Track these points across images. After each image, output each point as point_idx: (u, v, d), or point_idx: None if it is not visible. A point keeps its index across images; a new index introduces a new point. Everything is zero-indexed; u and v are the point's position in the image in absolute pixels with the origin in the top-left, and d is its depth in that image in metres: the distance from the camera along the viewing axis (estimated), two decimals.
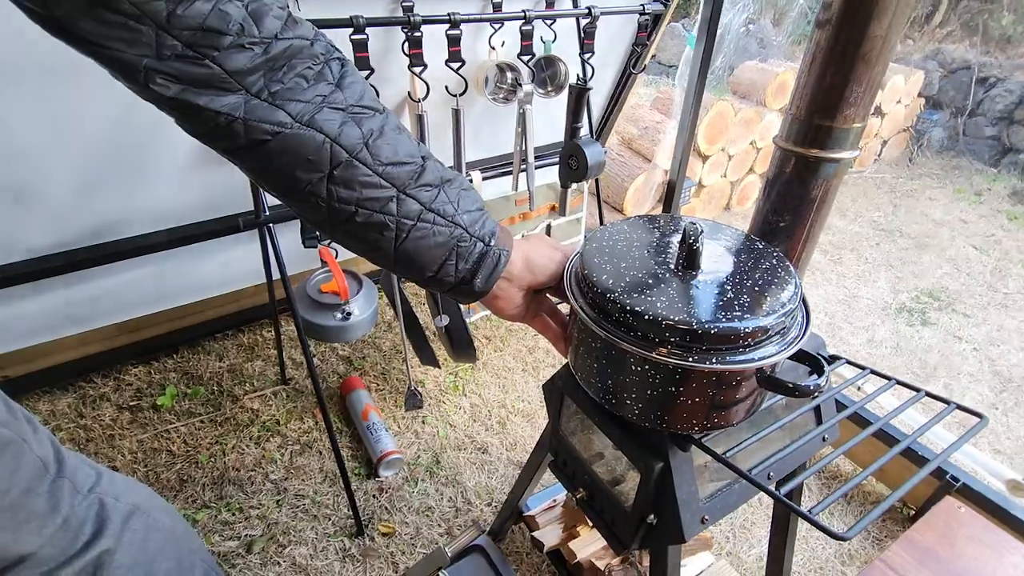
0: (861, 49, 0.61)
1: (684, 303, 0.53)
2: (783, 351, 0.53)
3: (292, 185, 0.49)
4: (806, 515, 0.54)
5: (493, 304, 0.63)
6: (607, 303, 0.56)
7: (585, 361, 0.63)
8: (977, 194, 3.67)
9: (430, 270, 0.56)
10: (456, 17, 1.12)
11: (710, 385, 0.55)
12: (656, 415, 0.60)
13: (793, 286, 0.57)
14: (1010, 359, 2.16)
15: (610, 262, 0.60)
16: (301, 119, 0.46)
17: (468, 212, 0.56)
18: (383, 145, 0.50)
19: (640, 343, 0.54)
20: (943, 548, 0.81)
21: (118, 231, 1.40)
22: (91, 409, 1.62)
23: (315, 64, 0.47)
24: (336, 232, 0.54)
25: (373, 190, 0.50)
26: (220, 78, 0.43)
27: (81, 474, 0.67)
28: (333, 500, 1.44)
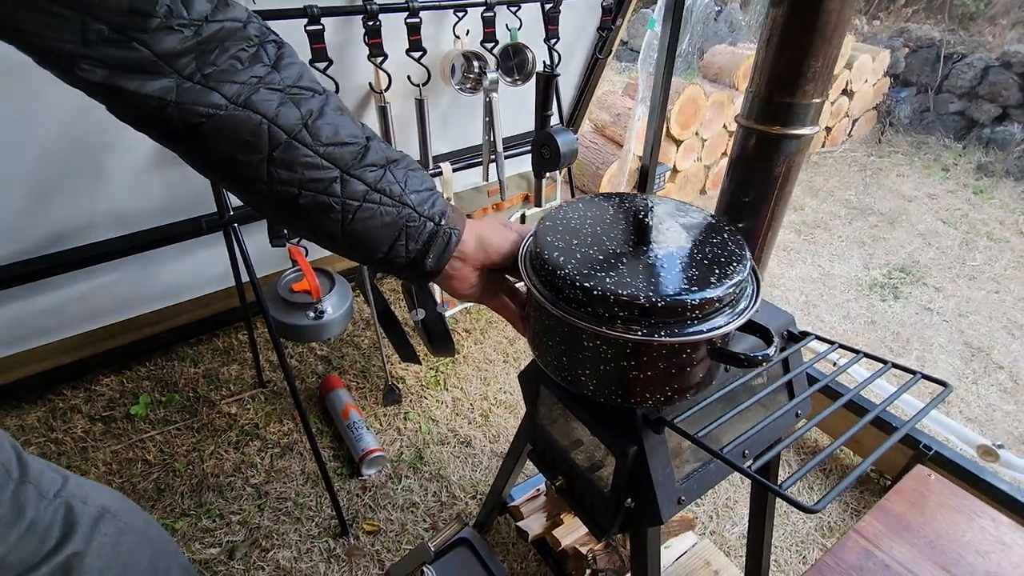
0: (817, 24, 0.61)
1: (633, 278, 0.54)
2: (731, 323, 0.54)
3: (232, 169, 0.48)
4: (775, 489, 0.54)
5: (447, 284, 0.62)
6: (558, 280, 0.56)
7: (542, 340, 0.63)
8: (944, 169, 3.75)
9: (380, 251, 0.55)
10: (415, 5, 1.10)
11: (661, 358, 0.55)
12: (611, 390, 0.60)
13: (742, 259, 0.58)
14: (979, 329, 2.22)
15: (563, 240, 0.60)
16: (236, 100, 0.45)
17: (416, 192, 0.55)
18: (323, 125, 0.50)
19: (591, 319, 0.54)
20: (914, 515, 0.82)
21: (79, 237, 1.36)
22: (61, 422, 1.58)
23: (249, 46, 0.46)
24: (282, 217, 0.53)
25: (315, 171, 0.50)
26: (150, 61, 0.42)
27: (46, 479, 0.66)
28: (316, 501, 1.42)
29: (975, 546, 0.78)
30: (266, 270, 1.72)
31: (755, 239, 0.76)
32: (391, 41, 1.17)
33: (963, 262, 2.71)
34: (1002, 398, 1.87)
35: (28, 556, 0.60)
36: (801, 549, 1.37)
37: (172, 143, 0.47)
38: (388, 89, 1.20)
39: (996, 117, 4.05)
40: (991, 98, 4.05)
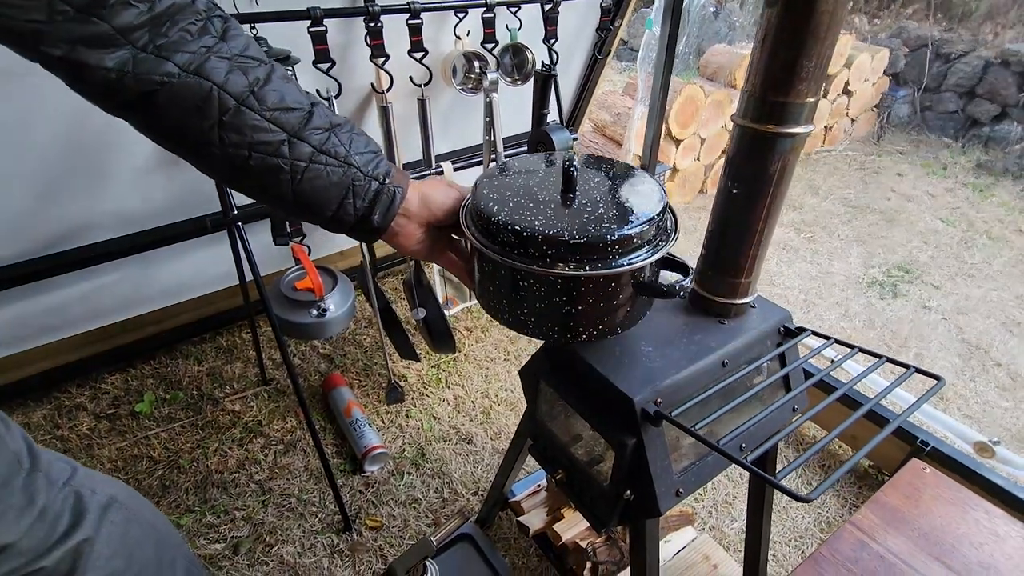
0: (810, 24, 0.62)
1: (560, 220, 0.59)
2: (649, 257, 0.60)
3: (185, 135, 0.51)
4: (770, 479, 0.56)
5: (395, 241, 0.65)
6: (493, 227, 0.60)
7: (486, 287, 0.67)
8: (943, 168, 3.76)
9: (329, 209, 0.59)
10: (416, 6, 1.11)
11: (590, 292, 0.60)
12: (548, 327, 0.64)
13: (658, 202, 0.63)
14: (976, 327, 2.23)
15: (498, 192, 0.65)
16: (188, 68, 0.48)
17: (360, 154, 0.59)
18: (269, 92, 0.53)
19: (524, 259, 0.59)
20: (909, 508, 0.83)
21: (83, 237, 1.38)
22: (67, 420, 1.60)
23: (198, 20, 0.49)
24: (236, 179, 0.56)
25: (263, 134, 0.53)
26: (108, 35, 0.44)
27: (56, 468, 0.68)
28: (319, 497, 1.43)
29: (969, 538, 0.79)
30: (268, 269, 1.73)
31: (751, 237, 0.77)
32: (393, 42, 1.18)
33: (962, 260, 2.72)
34: (1000, 395, 1.88)
35: (39, 543, 0.61)
36: (799, 544, 1.38)
37: (129, 112, 0.50)
38: (390, 89, 1.21)
39: (995, 116, 4.06)
40: (990, 97, 4.06)
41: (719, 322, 0.83)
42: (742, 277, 0.80)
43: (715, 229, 0.80)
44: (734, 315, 0.84)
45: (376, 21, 1.09)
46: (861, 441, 1.51)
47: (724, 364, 0.79)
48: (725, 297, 0.82)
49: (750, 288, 0.82)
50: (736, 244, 0.78)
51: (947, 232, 2.97)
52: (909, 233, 2.94)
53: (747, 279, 0.81)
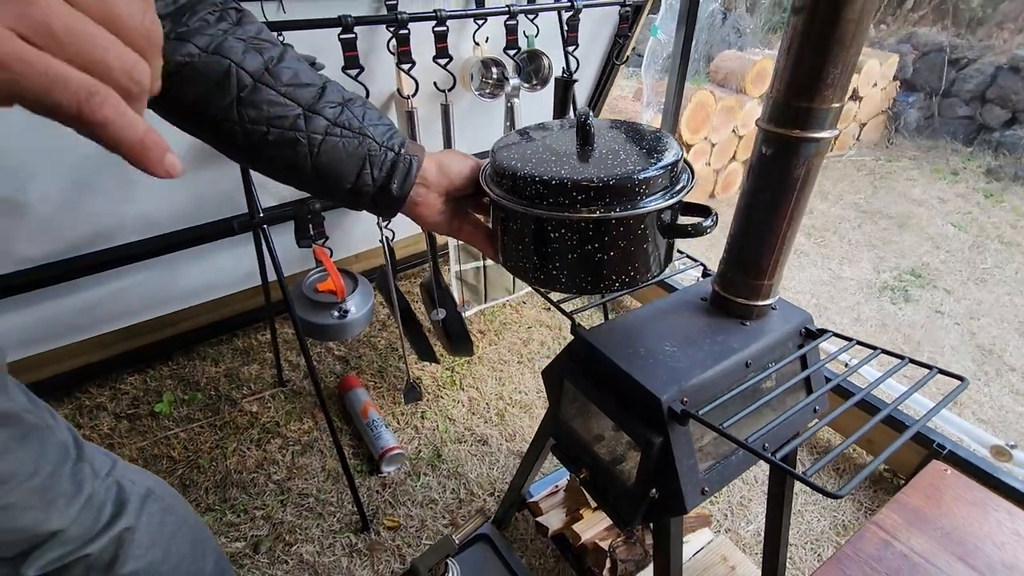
0: (836, 32, 0.64)
1: (584, 167, 0.60)
2: (675, 197, 0.62)
3: (205, 112, 0.54)
4: (800, 476, 0.57)
5: (415, 211, 0.66)
6: (519, 181, 0.61)
7: (513, 247, 0.67)
8: (954, 173, 3.76)
9: (348, 181, 0.60)
10: (443, 13, 1.13)
11: (620, 236, 0.61)
12: (581, 278, 0.64)
13: (675, 149, 0.64)
14: (990, 331, 2.23)
15: (518, 152, 0.66)
16: (207, 49, 0.51)
17: (374, 125, 0.60)
18: (284, 69, 0.55)
19: (554, 207, 0.59)
20: (931, 508, 0.84)
21: (110, 239, 1.40)
22: (88, 419, 1.62)
23: (215, 10, 0.53)
24: (255, 156, 0.58)
25: (280, 108, 0.55)
26: None
27: (99, 460, 0.70)
28: (337, 497, 1.45)
29: (991, 538, 0.80)
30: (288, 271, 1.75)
31: (774, 239, 0.78)
32: (415, 48, 1.20)
33: (974, 265, 2.71)
34: (1015, 399, 1.88)
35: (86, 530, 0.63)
36: (815, 547, 1.38)
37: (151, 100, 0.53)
38: (415, 94, 1.24)
39: (1006, 121, 4.05)
40: (1000, 103, 4.06)
41: (741, 323, 0.84)
42: (764, 279, 0.82)
43: (738, 231, 0.81)
44: (756, 316, 0.85)
45: (404, 28, 1.12)
46: (876, 444, 1.52)
47: (747, 365, 0.80)
48: (747, 299, 0.83)
49: (772, 290, 0.83)
50: (759, 246, 0.79)
51: (958, 237, 2.97)
52: (920, 238, 2.94)
53: (769, 281, 0.82)
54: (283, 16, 1.14)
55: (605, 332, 0.85)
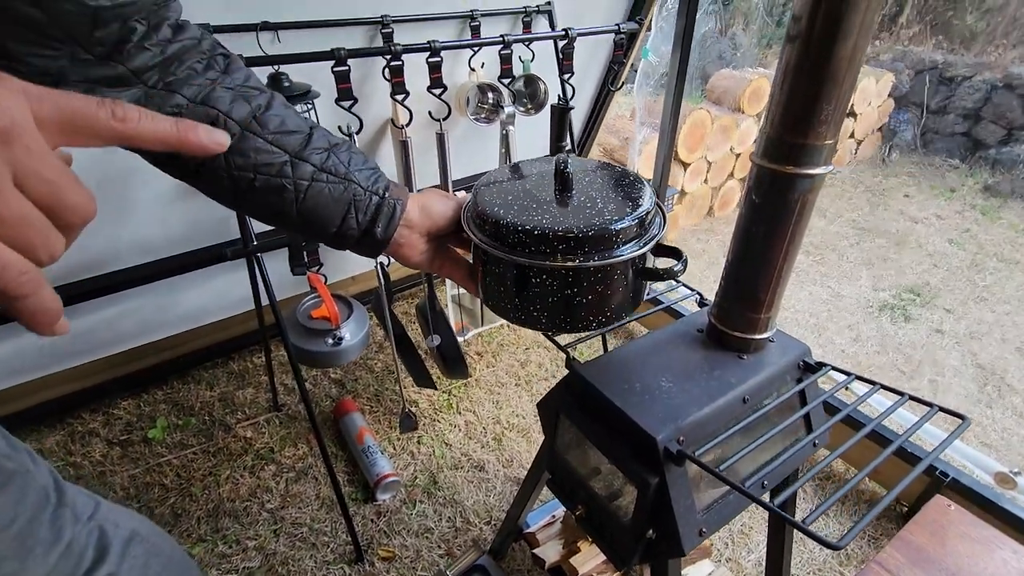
0: (829, 68, 0.64)
1: (564, 217, 0.63)
2: (648, 244, 0.65)
3: (192, 159, 0.54)
4: (800, 526, 0.55)
5: (399, 252, 0.68)
6: (502, 229, 0.63)
7: (494, 288, 0.69)
8: (951, 190, 3.77)
9: (333, 225, 0.61)
10: (436, 45, 1.14)
11: (597, 282, 0.64)
12: (560, 319, 0.67)
13: (649, 195, 0.68)
14: (991, 352, 2.21)
15: (500, 197, 0.68)
16: (196, 99, 0.52)
17: (360, 170, 0.61)
18: (271, 117, 0.56)
19: (536, 256, 0.62)
20: (935, 547, 0.82)
21: (104, 265, 1.39)
22: (80, 445, 1.60)
23: (203, 58, 0.54)
24: (242, 201, 0.59)
25: (267, 156, 0.56)
26: (124, 75, 0.49)
27: (80, 502, 0.68)
28: (331, 527, 1.42)
29: None
30: (283, 294, 1.74)
31: (771, 273, 0.77)
32: (410, 75, 1.21)
33: (973, 283, 2.71)
34: (1018, 422, 1.86)
35: None
36: None
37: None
38: (410, 124, 1.24)
39: (1001, 138, 4.08)
40: (995, 119, 4.08)
41: (738, 357, 0.83)
42: (762, 312, 0.81)
43: (734, 264, 0.80)
44: (753, 350, 0.84)
45: (397, 59, 1.12)
46: (880, 473, 1.49)
47: (745, 400, 0.79)
48: (744, 332, 0.82)
49: (770, 323, 0.82)
50: (755, 280, 0.78)
51: (957, 255, 2.97)
52: (918, 256, 2.94)
53: (767, 314, 0.81)
54: (278, 46, 1.15)
55: (601, 366, 0.84)
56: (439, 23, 1.37)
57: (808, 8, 0.62)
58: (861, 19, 0.61)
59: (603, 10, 1.72)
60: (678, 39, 1.69)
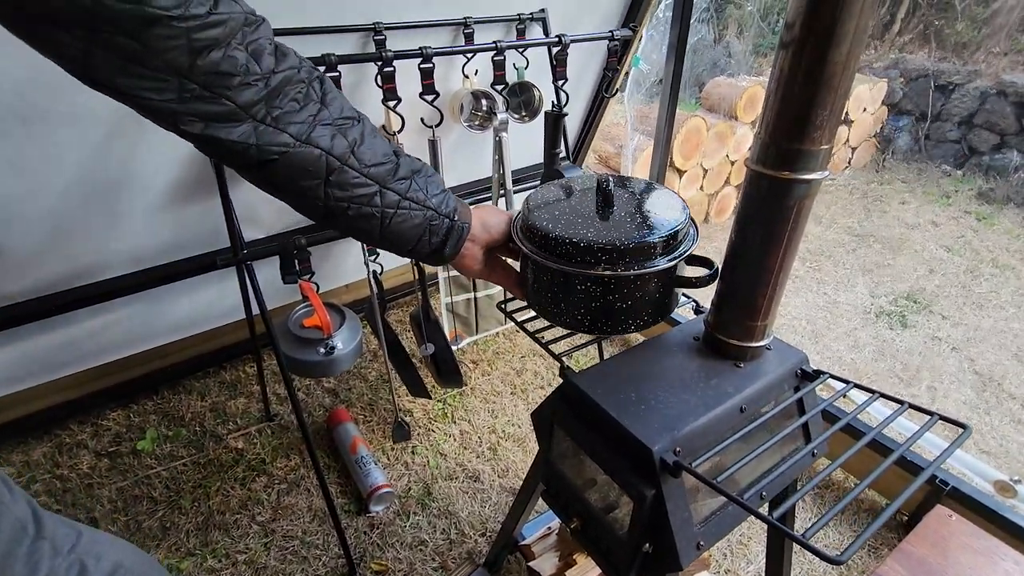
0: (824, 74, 0.63)
1: (607, 231, 0.71)
2: (682, 255, 0.73)
3: (296, 190, 0.60)
4: (801, 540, 0.54)
5: (461, 263, 0.77)
6: (551, 242, 0.71)
7: (542, 294, 0.77)
8: (946, 196, 3.78)
9: (410, 244, 0.69)
10: (428, 51, 1.13)
11: (637, 288, 0.72)
12: (603, 322, 0.74)
13: (682, 211, 0.76)
14: (988, 358, 2.21)
15: (548, 212, 0.76)
16: (300, 138, 0.57)
17: (435, 196, 0.69)
18: (366, 151, 0.62)
19: (582, 265, 0.70)
20: (936, 558, 0.81)
21: (94, 274, 1.37)
22: (68, 457, 1.57)
23: (302, 87, 0.57)
24: (331, 223, 0.65)
25: (361, 188, 0.62)
26: (234, 112, 0.52)
27: (60, 534, 0.65)
28: (323, 539, 1.40)
29: None
30: (276, 302, 1.73)
31: (767, 280, 0.76)
32: (403, 82, 1.20)
33: (969, 290, 2.70)
34: (1016, 429, 1.85)
35: None
36: None
37: (247, 172, 0.59)
38: (402, 131, 1.23)
39: (995, 145, 4.10)
40: (989, 126, 4.11)
41: (735, 365, 0.82)
42: (758, 320, 0.79)
43: (730, 272, 0.79)
44: (750, 358, 0.82)
45: (389, 66, 1.11)
46: (879, 484, 1.48)
47: (742, 410, 0.77)
48: (741, 340, 0.81)
49: (767, 331, 0.81)
50: (752, 287, 0.77)
51: (953, 261, 2.97)
52: (915, 262, 2.94)
53: (763, 322, 0.80)
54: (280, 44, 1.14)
55: (595, 375, 0.82)
56: (432, 30, 1.37)
57: (802, 14, 0.61)
58: (855, 24, 0.60)
59: (597, 17, 1.72)
60: (672, 47, 1.69)
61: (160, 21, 0.45)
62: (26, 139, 1.05)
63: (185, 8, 0.46)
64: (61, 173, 1.14)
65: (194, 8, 0.47)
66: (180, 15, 0.46)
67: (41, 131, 1.05)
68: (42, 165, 1.11)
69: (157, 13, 0.44)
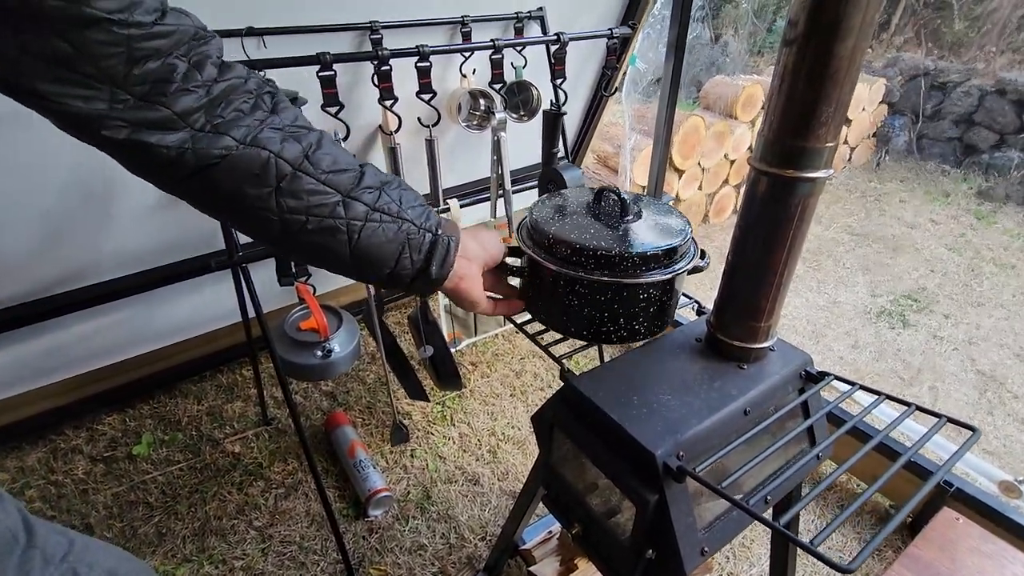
0: (828, 69, 0.61)
1: (618, 240, 0.73)
2: (686, 265, 0.77)
3: (243, 203, 0.53)
4: (808, 548, 0.52)
5: (459, 287, 0.67)
6: (576, 254, 0.72)
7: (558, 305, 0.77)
8: (945, 195, 3.77)
9: (388, 266, 0.60)
10: (425, 49, 1.11)
11: (645, 293, 0.74)
12: (651, 325, 0.78)
13: (685, 225, 0.79)
14: (990, 357, 2.20)
15: (567, 225, 0.75)
16: (245, 140, 0.51)
17: (412, 207, 0.61)
18: (323, 156, 0.55)
19: (611, 275, 0.71)
20: (944, 562, 0.79)
21: (87, 277, 1.36)
22: (62, 463, 1.55)
23: (249, 98, 0.52)
24: (294, 244, 0.57)
25: (319, 196, 0.55)
26: (170, 119, 0.47)
27: (52, 543, 0.64)
28: (321, 545, 1.38)
29: None
30: (272, 306, 1.71)
31: (771, 280, 0.74)
32: (400, 81, 1.18)
33: (970, 288, 2.69)
34: (1020, 429, 1.84)
35: None
36: None
37: (186, 185, 0.52)
38: (398, 130, 1.21)
39: (994, 143, 4.09)
40: (988, 125, 4.10)
41: (738, 367, 0.81)
42: (762, 321, 0.78)
43: (733, 272, 0.78)
44: (754, 360, 0.81)
45: (385, 64, 1.10)
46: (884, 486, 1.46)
47: (746, 412, 0.76)
48: (744, 341, 0.80)
49: (770, 332, 0.80)
50: (755, 287, 0.75)
51: (953, 260, 2.96)
52: (915, 261, 2.93)
53: (767, 323, 0.79)
54: (264, 52, 1.13)
55: (596, 378, 0.81)
56: (430, 29, 1.35)
57: (807, 9, 0.60)
58: (862, 18, 0.59)
59: (595, 15, 1.70)
60: (671, 47, 1.68)
61: (99, 24, 0.41)
62: (17, 141, 1.03)
63: (129, 14, 0.42)
64: (53, 175, 1.12)
65: (139, 15, 0.43)
66: (123, 20, 0.42)
67: (32, 134, 1.03)
68: (34, 167, 1.09)
69: (96, 15, 0.40)
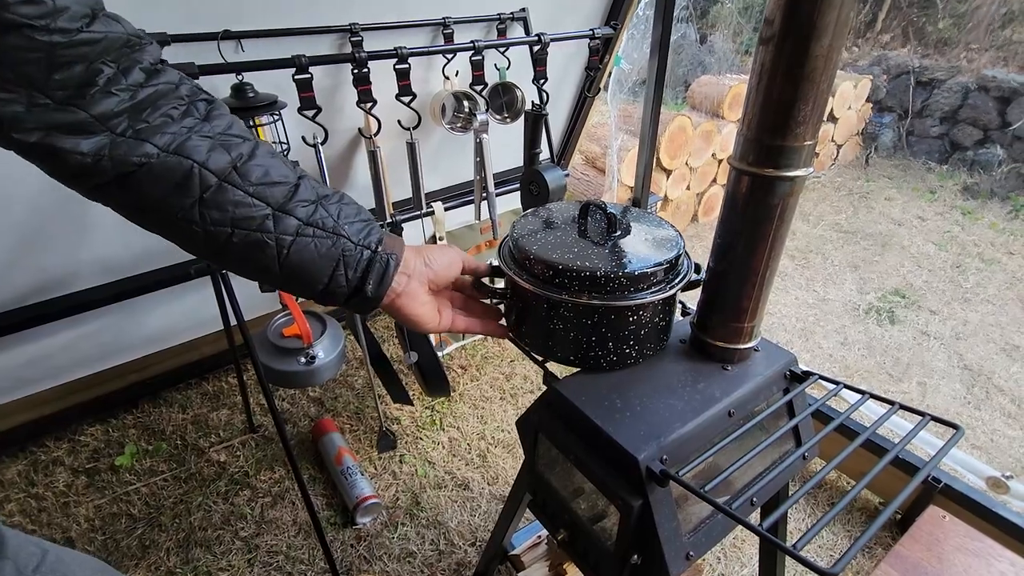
0: (805, 68, 0.61)
1: (604, 260, 0.70)
2: (679, 285, 0.74)
3: (165, 214, 0.50)
4: (791, 552, 0.52)
5: (396, 303, 0.63)
6: (558, 276, 0.69)
7: (549, 333, 0.74)
8: (931, 192, 3.80)
9: (320, 282, 0.57)
10: (403, 51, 1.10)
11: (638, 313, 0.72)
12: (643, 348, 0.76)
13: (678, 241, 0.76)
14: (977, 352, 2.21)
15: (550, 244, 0.72)
16: (168, 148, 0.48)
17: (350, 223, 0.58)
18: (253, 167, 0.52)
19: (606, 298, 0.68)
20: (931, 561, 0.79)
21: (65, 286, 1.33)
22: (43, 475, 1.52)
23: (180, 104, 0.50)
24: (219, 257, 0.54)
25: (246, 209, 0.52)
26: (86, 122, 0.44)
27: (24, 553, 0.62)
28: (308, 554, 1.36)
29: None
30: (256, 312, 1.69)
31: (753, 280, 0.74)
32: (380, 83, 1.17)
33: (957, 284, 2.71)
34: (1007, 423, 1.85)
35: None
36: None
37: (105, 193, 0.49)
38: (378, 134, 1.20)
39: (978, 140, 4.13)
40: (972, 122, 4.14)
41: (722, 368, 0.80)
42: (745, 321, 0.77)
43: (715, 272, 0.77)
44: (738, 360, 0.80)
45: (363, 67, 1.08)
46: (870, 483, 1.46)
47: (730, 414, 0.75)
48: (728, 342, 0.79)
49: (754, 332, 0.79)
50: (738, 288, 0.75)
51: (940, 256, 2.98)
52: (902, 257, 2.95)
53: (750, 323, 0.78)
54: (241, 55, 1.11)
55: (580, 382, 0.80)
56: (411, 31, 1.34)
57: (782, 8, 0.60)
58: (836, 16, 0.58)
59: (579, 17, 1.70)
60: (655, 46, 1.67)
61: (18, 30, 0.39)
62: None
63: (52, 20, 0.40)
64: (28, 183, 1.10)
65: (63, 22, 0.40)
66: (44, 27, 0.39)
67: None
68: (7, 175, 1.07)
69: (15, 20, 0.38)
